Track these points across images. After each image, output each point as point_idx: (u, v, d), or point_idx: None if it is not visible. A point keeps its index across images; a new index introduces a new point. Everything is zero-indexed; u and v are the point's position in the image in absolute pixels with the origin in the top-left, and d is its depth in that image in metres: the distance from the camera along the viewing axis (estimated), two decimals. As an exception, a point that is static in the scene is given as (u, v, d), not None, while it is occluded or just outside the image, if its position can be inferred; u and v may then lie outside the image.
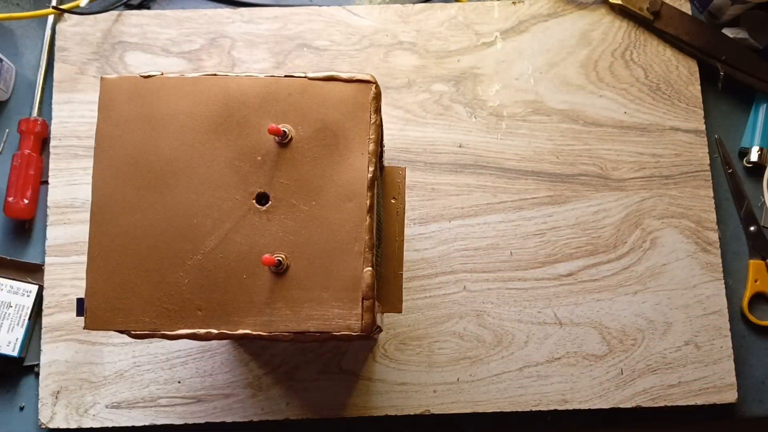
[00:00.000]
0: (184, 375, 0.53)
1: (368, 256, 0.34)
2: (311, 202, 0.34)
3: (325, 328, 0.33)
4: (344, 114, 0.36)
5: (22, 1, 0.63)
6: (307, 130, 0.35)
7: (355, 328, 0.33)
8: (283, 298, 0.34)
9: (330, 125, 0.35)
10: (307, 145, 0.35)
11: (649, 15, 0.59)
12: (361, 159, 0.35)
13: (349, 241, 0.34)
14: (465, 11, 0.61)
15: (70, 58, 0.59)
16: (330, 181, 0.35)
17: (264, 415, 0.52)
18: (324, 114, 0.35)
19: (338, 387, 0.53)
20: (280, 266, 0.33)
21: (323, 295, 0.34)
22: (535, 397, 0.52)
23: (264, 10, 0.61)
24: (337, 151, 0.35)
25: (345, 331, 0.33)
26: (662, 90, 0.59)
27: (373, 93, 0.36)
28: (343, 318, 0.33)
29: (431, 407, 0.52)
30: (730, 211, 0.58)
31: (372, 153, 0.35)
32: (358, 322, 0.33)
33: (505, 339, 0.54)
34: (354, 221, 0.34)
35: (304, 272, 0.34)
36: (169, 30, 0.60)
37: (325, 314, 0.33)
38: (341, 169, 0.35)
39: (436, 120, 0.58)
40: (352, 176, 0.35)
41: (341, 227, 0.34)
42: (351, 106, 0.36)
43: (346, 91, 0.36)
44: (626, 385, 0.53)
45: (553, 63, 0.60)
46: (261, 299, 0.34)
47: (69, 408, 0.52)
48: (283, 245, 0.34)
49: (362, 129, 0.35)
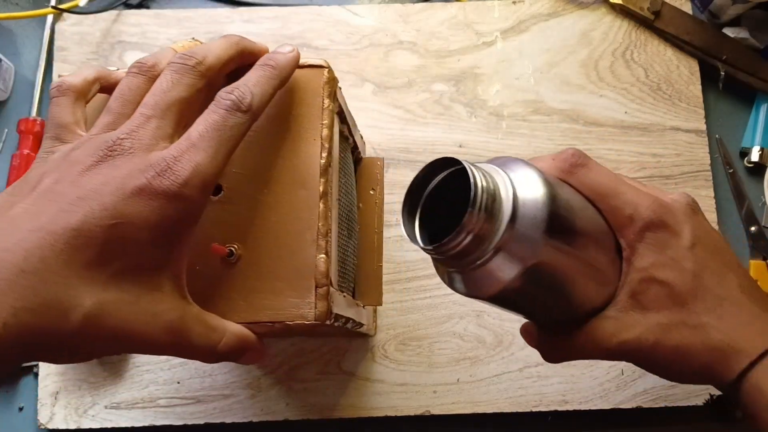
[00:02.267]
0: (183, 375, 0.53)
1: (322, 244, 0.33)
2: (264, 190, 0.34)
3: (279, 317, 0.32)
4: (297, 100, 0.35)
5: (21, 1, 0.63)
6: (260, 118, 0.34)
7: (309, 317, 0.32)
8: (237, 288, 0.33)
9: (283, 112, 0.35)
10: (260, 134, 0.34)
11: (650, 14, 0.59)
12: (314, 145, 0.34)
13: (302, 229, 0.33)
14: (465, 11, 0.61)
15: (70, 57, 0.59)
16: (283, 169, 0.34)
17: (263, 416, 0.52)
18: (276, 100, 0.34)
19: (338, 387, 0.52)
20: (232, 256, 0.33)
21: (276, 284, 0.33)
22: (536, 397, 0.52)
23: (264, 9, 0.61)
24: (290, 138, 0.34)
25: (299, 320, 0.32)
26: (663, 90, 0.59)
27: (325, 77, 0.35)
28: (297, 307, 0.32)
29: (431, 408, 0.52)
30: (731, 211, 0.57)
31: (325, 138, 0.34)
32: (312, 311, 0.32)
33: (506, 339, 0.53)
34: (307, 208, 0.33)
35: (257, 262, 0.33)
36: (169, 29, 0.60)
37: (278, 303, 0.33)
38: (294, 156, 0.34)
39: (436, 120, 0.58)
40: (304, 163, 0.34)
41: (294, 215, 0.33)
42: (303, 92, 0.35)
43: (299, 77, 0.35)
44: (627, 386, 0.52)
45: (553, 63, 0.59)
46: (214, 290, 0.33)
47: (68, 408, 0.52)
48: (237, 235, 0.33)
49: (315, 115, 0.35)
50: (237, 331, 0.32)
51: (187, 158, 0.28)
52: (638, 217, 0.33)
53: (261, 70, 0.32)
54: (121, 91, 0.31)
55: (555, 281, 0.32)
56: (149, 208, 0.27)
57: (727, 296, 0.33)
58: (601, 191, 0.34)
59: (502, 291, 0.30)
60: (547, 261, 0.30)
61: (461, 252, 0.29)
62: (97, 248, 0.27)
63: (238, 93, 0.30)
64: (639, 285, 0.33)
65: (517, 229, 0.29)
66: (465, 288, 0.31)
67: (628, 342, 0.33)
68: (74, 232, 0.26)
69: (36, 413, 0.52)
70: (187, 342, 0.30)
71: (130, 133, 0.29)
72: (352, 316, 0.39)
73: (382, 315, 0.54)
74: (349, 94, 0.58)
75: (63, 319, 0.26)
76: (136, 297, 0.28)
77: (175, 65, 0.31)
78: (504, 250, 0.29)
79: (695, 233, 0.34)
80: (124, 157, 0.28)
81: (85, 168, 0.28)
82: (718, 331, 0.32)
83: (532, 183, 0.30)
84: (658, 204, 0.34)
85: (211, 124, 0.30)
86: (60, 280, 0.26)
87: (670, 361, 0.33)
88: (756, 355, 0.32)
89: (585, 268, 0.32)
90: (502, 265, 0.29)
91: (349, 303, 0.39)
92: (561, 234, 0.30)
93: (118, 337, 0.28)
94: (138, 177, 0.28)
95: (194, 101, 0.31)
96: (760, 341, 0.32)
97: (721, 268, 0.34)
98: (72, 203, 0.27)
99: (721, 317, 0.33)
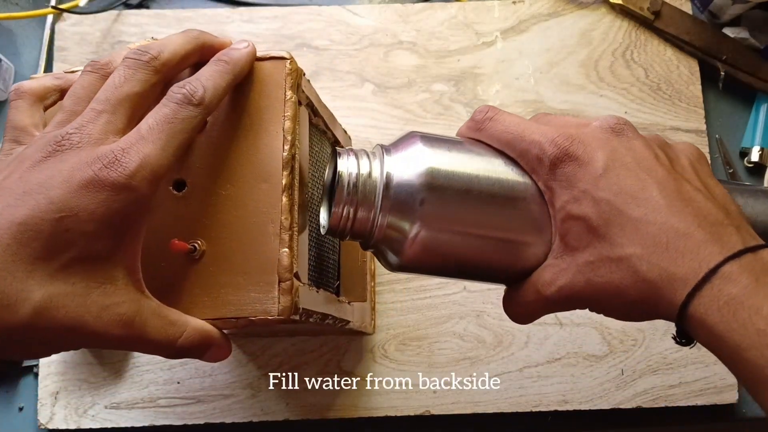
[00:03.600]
0: (183, 375, 0.53)
1: (285, 237, 0.32)
2: (227, 185, 0.33)
3: (243, 313, 0.32)
4: (259, 93, 0.34)
5: (21, 1, 0.63)
6: (221, 111, 0.34)
7: (272, 312, 0.32)
8: (201, 284, 0.33)
9: (245, 106, 0.34)
10: (223, 128, 0.34)
11: (650, 15, 0.59)
12: (276, 138, 0.34)
13: (265, 223, 0.33)
14: (465, 11, 0.61)
15: (70, 57, 0.59)
16: (246, 163, 0.34)
17: (264, 416, 0.52)
18: (238, 94, 0.34)
19: (338, 387, 0.52)
20: (195, 252, 0.33)
21: (240, 279, 0.32)
22: (536, 397, 0.52)
23: (263, 9, 0.61)
24: (252, 132, 0.34)
25: (262, 315, 0.32)
26: (663, 90, 0.59)
27: (287, 69, 0.35)
28: (260, 302, 0.32)
29: (431, 408, 0.52)
30: (731, 211, 0.57)
31: (287, 131, 0.34)
32: (275, 306, 0.32)
33: (506, 339, 0.53)
34: (269, 202, 0.33)
35: (221, 257, 0.33)
36: (169, 30, 0.60)
37: (242, 299, 0.32)
38: (257, 149, 0.34)
39: (436, 120, 0.58)
40: (267, 156, 0.33)
41: (257, 209, 0.33)
42: (265, 85, 0.35)
43: (261, 69, 0.35)
44: (627, 386, 0.52)
45: (553, 63, 0.59)
46: (178, 286, 0.33)
47: (68, 408, 0.52)
48: (201, 230, 0.33)
49: (277, 107, 0.34)
50: (199, 327, 0.32)
51: (135, 150, 0.28)
52: (544, 155, 0.31)
53: (214, 65, 0.33)
54: (74, 89, 0.31)
55: (464, 243, 0.32)
56: (96, 200, 0.27)
57: (645, 217, 0.29)
58: (508, 139, 0.33)
59: (410, 261, 0.32)
60: (439, 227, 0.32)
61: (359, 232, 0.33)
62: (43, 241, 0.26)
63: (189, 87, 0.30)
64: (562, 226, 0.31)
65: (393, 204, 0.32)
66: (387, 263, 0.34)
67: (564, 287, 0.31)
68: (20, 226, 0.26)
69: (36, 413, 0.52)
70: (142, 336, 0.30)
71: (80, 128, 0.29)
72: (331, 313, 0.39)
73: (382, 315, 0.54)
74: (349, 94, 0.58)
75: (11, 313, 0.26)
76: (86, 289, 0.28)
77: (128, 60, 0.31)
78: (389, 226, 0.32)
79: (610, 155, 0.30)
80: (72, 151, 0.28)
81: (33, 163, 0.28)
82: (642, 261, 0.28)
83: (410, 158, 0.32)
84: (564, 136, 0.31)
85: (161, 117, 0.29)
86: (7, 275, 0.26)
87: (606, 300, 0.30)
88: (692, 284, 0.27)
89: (504, 223, 0.32)
90: (396, 238, 0.32)
91: (327, 299, 0.39)
92: (444, 200, 0.32)
93: (70, 330, 0.28)
94: (85, 169, 0.27)
95: (147, 96, 0.31)
96: (695, 264, 0.27)
97: (640, 183, 0.30)
98: (18, 198, 0.27)
99: (644, 243, 0.28)
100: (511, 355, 0.53)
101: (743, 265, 0.27)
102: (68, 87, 0.34)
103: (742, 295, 0.26)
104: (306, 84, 0.37)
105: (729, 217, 0.29)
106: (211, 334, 0.32)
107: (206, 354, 0.33)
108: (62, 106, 0.31)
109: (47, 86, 0.34)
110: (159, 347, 0.31)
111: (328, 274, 0.43)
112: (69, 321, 0.27)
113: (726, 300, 0.26)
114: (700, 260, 0.27)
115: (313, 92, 0.39)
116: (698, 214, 0.29)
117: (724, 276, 0.27)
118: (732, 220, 0.29)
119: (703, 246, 0.28)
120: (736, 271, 0.27)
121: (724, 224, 0.29)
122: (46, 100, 0.34)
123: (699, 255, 0.27)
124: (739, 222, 0.29)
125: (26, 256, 0.26)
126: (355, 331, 0.49)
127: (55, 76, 0.35)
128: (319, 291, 0.37)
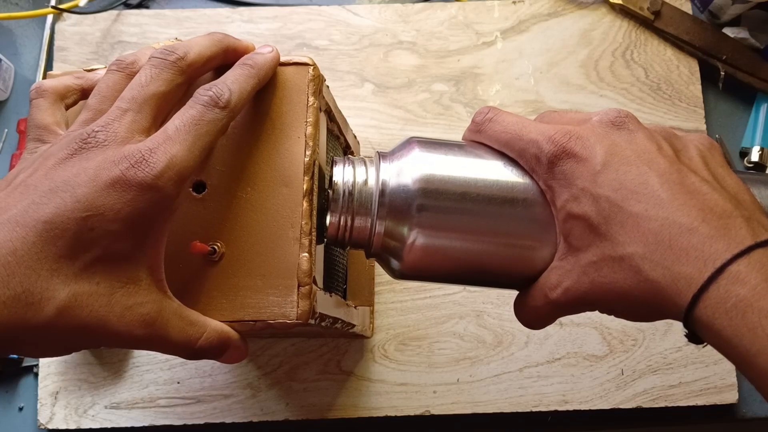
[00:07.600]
0: (183, 375, 0.53)
1: (305, 242, 0.33)
2: (248, 188, 0.33)
3: (261, 316, 0.32)
4: (281, 98, 0.35)
5: (21, 1, 0.63)
6: (243, 115, 0.34)
7: (291, 316, 0.32)
8: (218, 286, 0.33)
9: (267, 110, 0.35)
10: (244, 132, 0.34)
11: (650, 15, 0.59)
12: (298, 143, 0.34)
13: (285, 227, 0.33)
14: (465, 11, 0.61)
15: (70, 57, 0.59)
16: (267, 167, 0.34)
17: (263, 416, 0.52)
18: (260, 98, 0.34)
19: (338, 387, 0.52)
20: (215, 254, 0.33)
21: (259, 282, 0.32)
22: (536, 397, 0.52)
23: (263, 9, 0.61)
24: (273, 136, 0.34)
25: (281, 319, 0.32)
26: (663, 90, 0.59)
27: (310, 75, 0.35)
28: (279, 306, 0.32)
29: (431, 408, 0.52)
30: (731, 211, 0.57)
31: (309, 136, 0.34)
32: (294, 310, 0.32)
33: (506, 339, 0.53)
34: (290, 206, 0.33)
35: (239, 260, 0.33)
36: (169, 29, 0.60)
37: (260, 302, 0.32)
38: (278, 154, 0.34)
39: (436, 120, 0.58)
40: (288, 161, 0.34)
41: (277, 213, 0.33)
42: (288, 90, 0.35)
43: (284, 75, 0.35)
44: (627, 386, 0.52)
45: (553, 63, 0.59)
46: (197, 288, 0.33)
47: (68, 408, 0.52)
48: (221, 233, 0.33)
49: (299, 112, 0.34)
50: (218, 328, 0.32)
51: (162, 150, 0.28)
52: (542, 154, 0.30)
53: (239, 69, 0.33)
54: (100, 88, 0.31)
55: (465, 248, 0.32)
56: (122, 199, 0.27)
57: (646, 212, 0.27)
58: (506, 139, 0.32)
59: (411, 268, 0.32)
60: (437, 232, 0.32)
61: (358, 241, 0.33)
62: (69, 240, 0.26)
63: (216, 90, 0.30)
64: (564, 226, 0.30)
65: (389, 211, 0.32)
66: (390, 271, 0.34)
67: (569, 290, 0.30)
68: (46, 224, 0.26)
69: (36, 413, 0.52)
70: (163, 336, 0.30)
71: (105, 126, 0.29)
72: (341, 317, 0.39)
73: (382, 315, 0.54)
74: (349, 94, 0.58)
75: (35, 312, 0.26)
76: (110, 289, 0.28)
77: (155, 60, 0.31)
78: (386, 234, 0.32)
79: (609, 150, 0.29)
80: (98, 149, 0.28)
81: (58, 161, 0.28)
82: (644, 260, 0.27)
83: (406, 164, 0.32)
84: (561, 133, 0.30)
85: (188, 118, 0.29)
86: (32, 273, 0.26)
87: (613, 302, 0.29)
88: (698, 285, 0.25)
89: (503, 225, 0.32)
90: (394, 245, 0.32)
91: (337, 303, 0.39)
92: (441, 204, 0.31)
93: (92, 329, 0.27)
94: (111, 168, 0.27)
95: (173, 96, 0.31)
96: (701, 263, 0.26)
97: (640, 177, 0.28)
98: (43, 195, 0.27)
99: (646, 241, 0.27)
100: (511, 355, 0.53)
101: (752, 262, 0.25)
102: (89, 86, 0.34)
103: (750, 297, 0.25)
104: (326, 90, 0.37)
105: (739, 208, 0.27)
106: (229, 336, 0.33)
107: (224, 355, 0.33)
108: (87, 104, 0.31)
109: (68, 85, 0.34)
110: (179, 347, 0.31)
111: (338, 278, 0.43)
112: (92, 320, 0.27)
113: (734, 302, 0.25)
114: (705, 258, 0.26)
115: (331, 98, 0.39)
116: (703, 207, 0.27)
117: (731, 276, 0.25)
118: (743, 211, 0.27)
119: (709, 242, 0.26)
120: (744, 270, 0.25)
121: (732, 216, 0.27)
122: (67, 99, 0.34)
123: (704, 252, 0.26)
124: (750, 212, 0.28)
125: (51, 255, 0.26)
126: (355, 335, 0.49)
127: (76, 75, 0.35)
128: (332, 295, 0.38)
